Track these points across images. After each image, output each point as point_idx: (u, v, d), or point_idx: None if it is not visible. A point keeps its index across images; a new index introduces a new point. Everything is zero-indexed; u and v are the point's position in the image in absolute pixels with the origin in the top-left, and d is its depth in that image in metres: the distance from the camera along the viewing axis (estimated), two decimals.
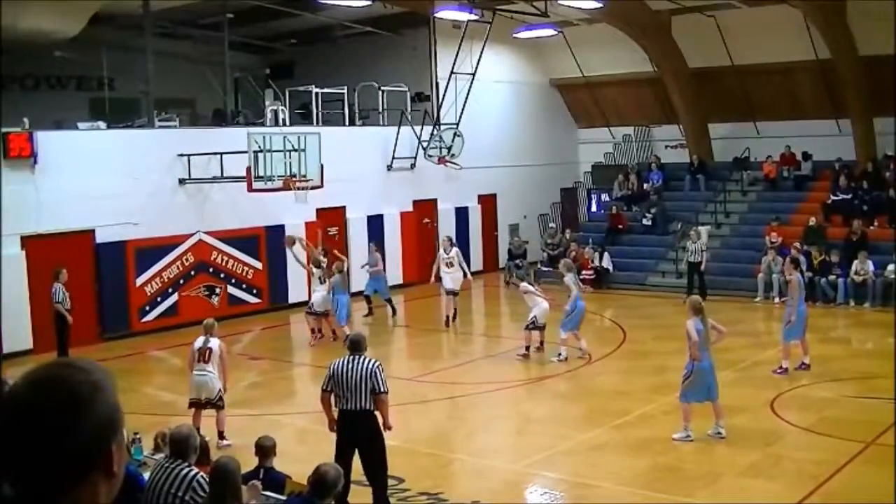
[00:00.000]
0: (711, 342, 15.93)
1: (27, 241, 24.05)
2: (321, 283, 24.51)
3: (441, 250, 27.34)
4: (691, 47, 35.00)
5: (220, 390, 15.69)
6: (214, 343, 15.84)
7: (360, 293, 28.37)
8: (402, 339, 27.74)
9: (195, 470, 9.05)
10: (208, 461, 10.04)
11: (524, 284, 23.40)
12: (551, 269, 33.76)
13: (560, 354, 21.74)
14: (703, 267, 29.11)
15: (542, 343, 22.33)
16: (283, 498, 10.02)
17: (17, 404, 2.33)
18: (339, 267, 24.63)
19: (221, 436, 15.59)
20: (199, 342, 15.90)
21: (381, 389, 12.09)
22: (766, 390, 18.50)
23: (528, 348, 22.20)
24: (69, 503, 2.31)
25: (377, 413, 12.23)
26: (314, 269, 24.74)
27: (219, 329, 23.56)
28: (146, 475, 9.28)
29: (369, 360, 12.28)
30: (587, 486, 14.02)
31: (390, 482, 13.94)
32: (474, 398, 19.56)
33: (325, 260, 24.73)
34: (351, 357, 12.32)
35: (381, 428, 12.25)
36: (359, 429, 12.24)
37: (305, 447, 15.47)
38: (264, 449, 11.24)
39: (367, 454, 12.32)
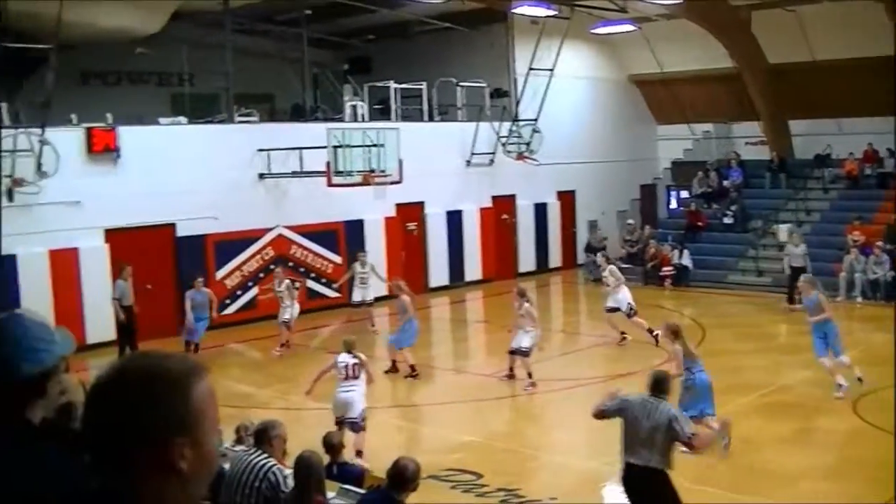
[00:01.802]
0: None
1: (110, 234, 24.44)
2: (287, 300, 23.92)
3: (610, 269, 24.39)
4: (771, 42, 34.57)
5: (362, 410, 14.99)
6: (360, 359, 15.34)
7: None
8: (481, 335, 27.75)
9: (272, 461, 9.14)
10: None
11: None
12: (630, 265, 33.62)
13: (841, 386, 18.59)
14: (808, 271, 28.07)
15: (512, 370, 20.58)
16: (362, 491, 10.04)
17: (97, 387, 2.39)
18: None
19: (359, 454, 14.65)
20: (344, 358, 15.27)
21: (684, 437, 10.42)
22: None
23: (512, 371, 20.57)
24: (144, 491, 2.33)
25: (669, 472, 10.61)
26: (276, 288, 24.38)
27: (297, 323, 23.96)
28: (226, 466, 9.36)
29: (667, 407, 10.63)
30: None
31: (467, 477, 13.99)
32: (552, 395, 19.51)
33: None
34: (648, 399, 10.75)
35: (674, 489, 10.63)
36: (645, 491, 10.67)
37: (380, 439, 15.52)
38: (333, 446, 11.28)
39: None
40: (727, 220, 34.39)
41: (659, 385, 10.84)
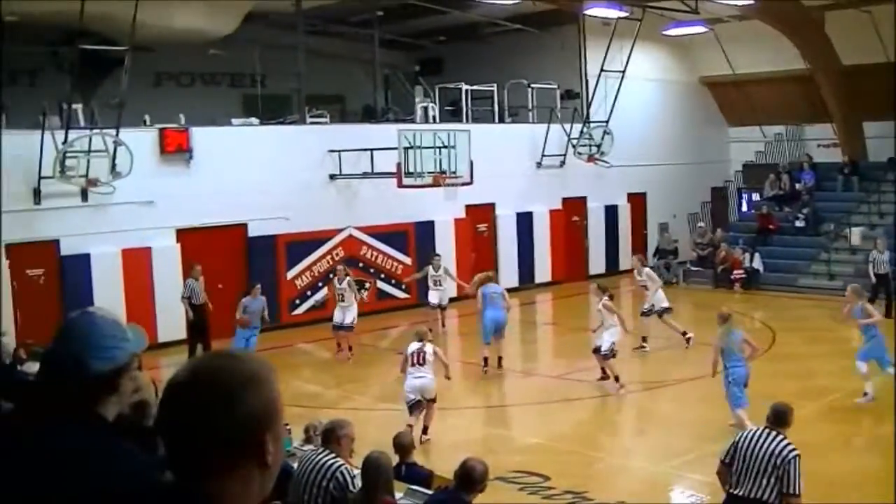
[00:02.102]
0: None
1: (182, 234, 24.71)
2: (349, 298, 23.49)
3: (647, 272, 24.56)
4: (845, 43, 34.11)
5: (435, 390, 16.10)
6: (429, 348, 16.09)
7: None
8: (550, 338, 27.71)
9: (340, 461, 9.20)
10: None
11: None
12: (701, 268, 33.42)
13: None
14: (891, 278, 27.32)
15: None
16: (430, 492, 10.06)
17: (173, 387, 2.44)
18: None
19: (426, 430, 16.00)
20: (413, 346, 16.13)
21: (791, 490, 9.42)
22: None
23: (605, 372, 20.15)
24: (219, 488, 2.38)
25: None
26: (337, 285, 23.85)
27: (362, 323, 23.98)
28: (295, 465, 9.43)
29: (786, 444, 9.62)
30: None
31: (535, 479, 13.98)
32: (619, 397, 19.43)
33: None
34: (764, 431, 9.86)
35: None
36: None
37: (448, 439, 15.56)
38: (403, 446, 11.35)
39: None
40: (799, 224, 34.05)
41: (778, 417, 9.96)
